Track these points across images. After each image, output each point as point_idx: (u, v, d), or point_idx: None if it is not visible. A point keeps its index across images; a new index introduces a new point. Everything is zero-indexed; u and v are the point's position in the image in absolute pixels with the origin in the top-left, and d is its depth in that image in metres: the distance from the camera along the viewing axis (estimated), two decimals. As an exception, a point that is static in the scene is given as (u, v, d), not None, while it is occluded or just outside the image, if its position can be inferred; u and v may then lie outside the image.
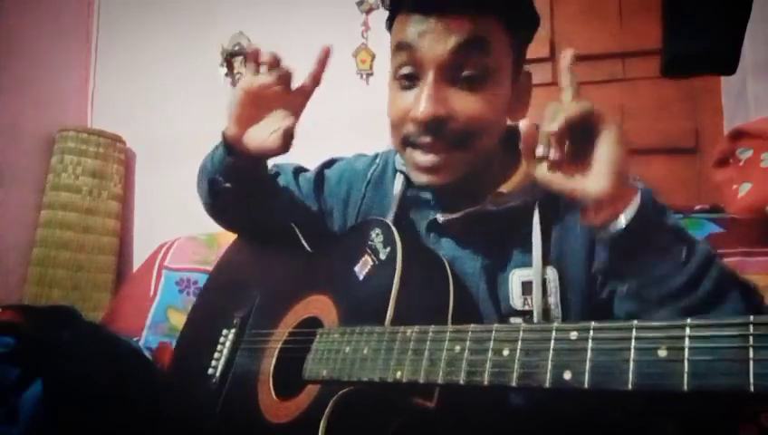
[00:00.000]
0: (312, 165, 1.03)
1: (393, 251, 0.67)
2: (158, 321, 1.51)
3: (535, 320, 0.69)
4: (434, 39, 0.66)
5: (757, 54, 1.65)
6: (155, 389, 1.08)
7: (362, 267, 0.70)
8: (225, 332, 0.87)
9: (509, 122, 0.79)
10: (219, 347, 0.86)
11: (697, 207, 1.23)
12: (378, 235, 0.71)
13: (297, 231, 0.90)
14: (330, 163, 0.96)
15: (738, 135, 1.20)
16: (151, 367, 1.30)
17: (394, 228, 0.70)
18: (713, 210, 1.18)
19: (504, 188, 0.75)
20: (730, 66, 1.09)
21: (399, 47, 0.70)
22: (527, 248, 0.72)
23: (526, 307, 0.71)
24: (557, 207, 0.73)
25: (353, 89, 2.16)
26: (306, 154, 2.15)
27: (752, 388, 0.33)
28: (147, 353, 1.41)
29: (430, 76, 0.67)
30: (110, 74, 2.53)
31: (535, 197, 0.73)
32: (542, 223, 0.72)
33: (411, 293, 0.64)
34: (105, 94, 2.52)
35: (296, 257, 0.87)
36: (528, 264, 0.72)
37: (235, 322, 0.86)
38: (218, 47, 2.29)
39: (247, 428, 0.73)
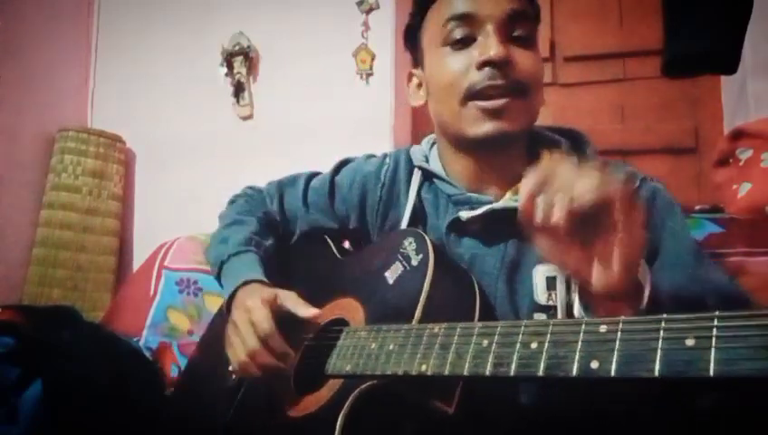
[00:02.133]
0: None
1: (425, 257, 0.68)
2: (158, 321, 1.51)
3: (559, 315, 0.70)
4: (492, 2, 0.73)
5: (757, 54, 1.65)
6: (155, 389, 1.08)
7: (393, 273, 0.71)
8: None
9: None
10: None
11: (697, 208, 1.23)
12: (410, 243, 0.72)
13: (330, 241, 0.93)
14: (338, 169, 0.96)
15: (738, 135, 1.20)
16: (151, 367, 1.30)
17: (427, 238, 0.71)
18: (713, 210, 1.18)
19: None
20: (730, 66, 1.09)
21: (453, 17, 0.75)
22: None
23: (550, 302, 0.71)
24: None
25: (353, 89, 2.16)
26: (307, 153, 2.15)
27: None
28: (147, 353, 1.41)
29: (491, 28, 0.72)
30: (110, 74, 2.52)
31: None
32: None
33: (440, 296, 0.65)
34: (105, 94, 2.52)
35: (326, 263, 0.90)
36: None
37: None
38: (218, 47, 2.28)
39: (264, 421, 0.74)
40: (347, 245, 0.98)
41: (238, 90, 2.27)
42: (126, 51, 2.51)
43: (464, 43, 0.74)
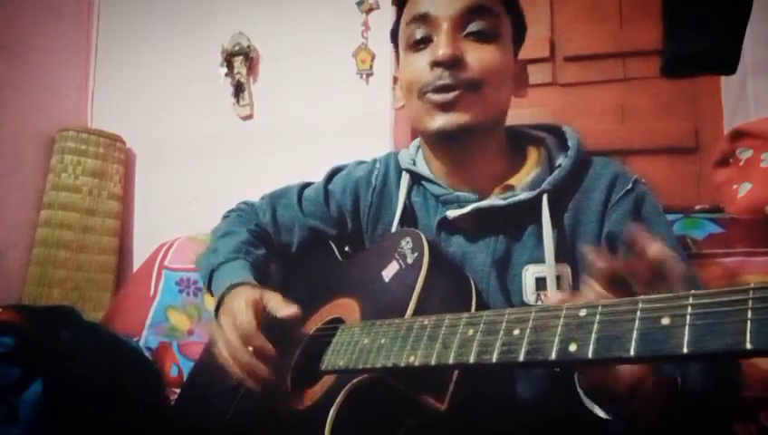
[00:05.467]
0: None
1: (420, 255, 0.69)
2: (158, 321, 1.51)
3: None
4: (446, 1, 0.74)
5: (757, 54, 1.65)
6: (155, 389, 1.08)
7: (389, 271, 0.72)
8: None
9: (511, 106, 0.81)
10: None
11: (697, 208, 1.23)
12: (407, 242, 0.73)
13: (333, 245, 0.94)
14: (331, 177, 0.97)
15: (738, 135, 1.20)
16: (151, 367, 1.31)
17: (424, 237, 0.71)
18: (713, 210, 1.18)
19: (512, 182, 0.78)
20: (730, 66, 1.08)
21: (413, 18, 0.77)
22: (539, 242, 0.73)
23: (539, 303, 0.72)
24: (566, 198, 0.74)
25: (353, 89, 2.16)
26: (307, 153, 2.15)
27: (748, 345, 0.33)
28: (147, 353, 1.41)
29: (445, 27, 0.74)
30: (110, 74, 2.53)
31: (543, 189, 0.73)
32: (552, 215, 0.72)
33: (435, 292, 0.66)
34: (105, 94, 2.52)
35: (328, 266, 0.91)
36: (540, 258, 0.73)
37: None
38: (218, 47, 2.28)
39: (261, 419, 0.75)
40: (348, 248, 0.99)
41: (238, 90, 2.27)
42: (126, 51, 2.52)
43: (423, 44, 0.76)
